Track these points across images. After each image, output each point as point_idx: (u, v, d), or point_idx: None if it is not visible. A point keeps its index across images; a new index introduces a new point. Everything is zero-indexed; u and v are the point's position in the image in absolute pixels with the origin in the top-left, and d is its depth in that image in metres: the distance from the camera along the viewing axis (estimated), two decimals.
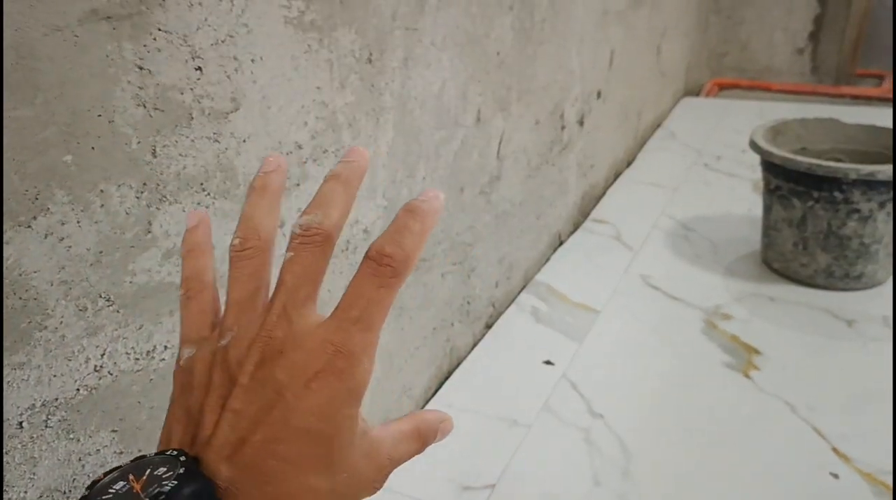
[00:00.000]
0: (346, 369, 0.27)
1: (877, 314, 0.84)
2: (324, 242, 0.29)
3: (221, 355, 0.28)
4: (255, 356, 0.27)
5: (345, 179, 0.31)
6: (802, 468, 0.63)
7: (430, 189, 0.30)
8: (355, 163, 0.31)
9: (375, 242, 0.29)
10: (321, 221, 0.29)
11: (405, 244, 0.28)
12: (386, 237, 0.29)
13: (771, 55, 1.79)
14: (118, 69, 0.37)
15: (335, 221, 0.30)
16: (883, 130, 0.93)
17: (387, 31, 0.58)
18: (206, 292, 0.32)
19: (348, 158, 0.32)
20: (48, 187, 0.35)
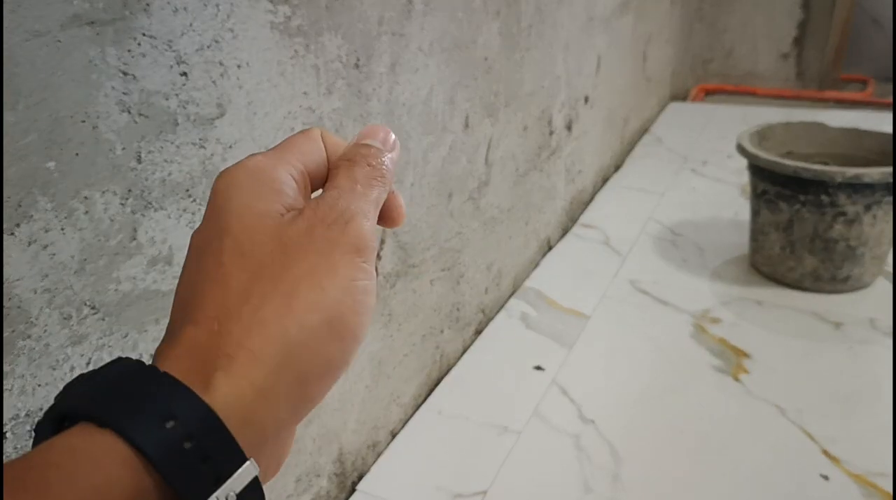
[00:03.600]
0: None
1: (863, 317, 0.84)
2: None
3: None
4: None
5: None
6: (792, 470, 0.63)
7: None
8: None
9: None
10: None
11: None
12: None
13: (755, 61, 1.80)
14: (101, 75, 0.37)
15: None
16: (867, 134, 0.94)
17: (374, 37, 0.58)
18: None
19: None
20: (31, 194, 0.34)
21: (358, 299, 0.25)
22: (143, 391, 0.21)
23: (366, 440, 0.67)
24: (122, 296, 0.40)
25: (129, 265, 0.40)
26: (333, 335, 0.24)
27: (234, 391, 0.22)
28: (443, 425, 0.71)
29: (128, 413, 0.21)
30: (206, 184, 0.44)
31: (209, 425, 0.21)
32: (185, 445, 0.21)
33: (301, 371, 0.24)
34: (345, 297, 0.25)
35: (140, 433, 0.20)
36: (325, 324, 0.24)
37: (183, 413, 0.21)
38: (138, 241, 0.40)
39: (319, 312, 0.24)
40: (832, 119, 1.02)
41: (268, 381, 0.23)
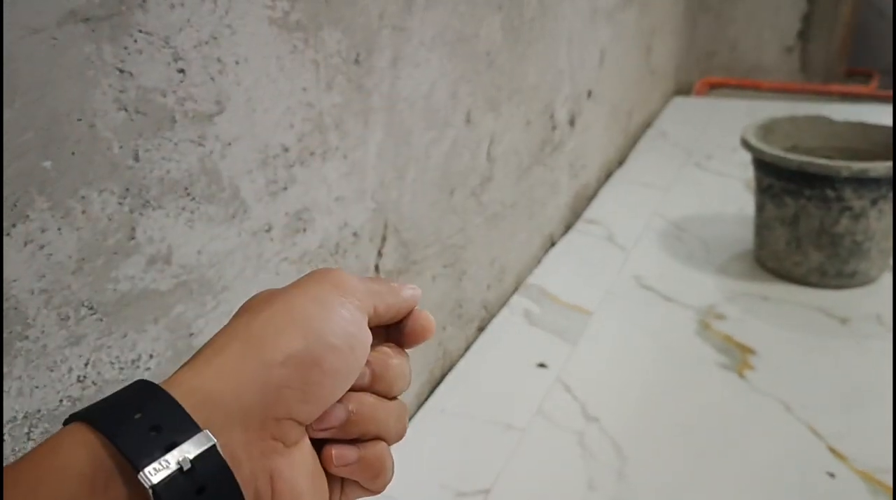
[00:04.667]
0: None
1: (870, 312, 0.84)
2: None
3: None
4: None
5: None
6: (798, 467, 0.63)
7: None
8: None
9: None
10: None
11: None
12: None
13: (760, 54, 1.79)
14: (98, 72, 0.36)
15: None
16: (873, 128, 0.93)
17: (374, 31, 0.57)
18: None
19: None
20: (27, 194, 0.34)
21: (328, 310, 0.28)
22: (119, 393, 0.25)
23: None
24: (120, 296, 0.40)
25: (127, 265, 0.40)
26: (297, 330, 0.27)
27: (195, 377, 0.25)
28: (446, 422, 0.71)
29: (97, 408, 0.24)
30: (204, 181, 0.44)
31: (159, 399, 0.24)
32: (135, 416, 0.23)
33: (262, 357, 0.26)
34: (313, 305, 0.28)
35: (100, 417, 0.23)
36: (289, 322, 0.27)
37: (138, 397, 0.24)
38: (136, 240, 0.40)
39: (285, 314, 0.27)
40: (837, 113, 1.01)
41: (227, 364, 0.25)
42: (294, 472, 0.27)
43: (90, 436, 0.23)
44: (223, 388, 0.25)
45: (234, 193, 0.46)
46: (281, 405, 0.26)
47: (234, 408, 0.25)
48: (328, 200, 0.55)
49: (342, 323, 0.28)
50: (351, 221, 0.59)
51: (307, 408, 0.27)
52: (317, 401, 0.27)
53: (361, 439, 0.30)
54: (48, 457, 0.22)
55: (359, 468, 0.30)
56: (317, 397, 0.27)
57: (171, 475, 0.22)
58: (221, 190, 0.45)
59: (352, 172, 0.57)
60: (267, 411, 0.25)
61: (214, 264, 0.45)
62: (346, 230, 0.58)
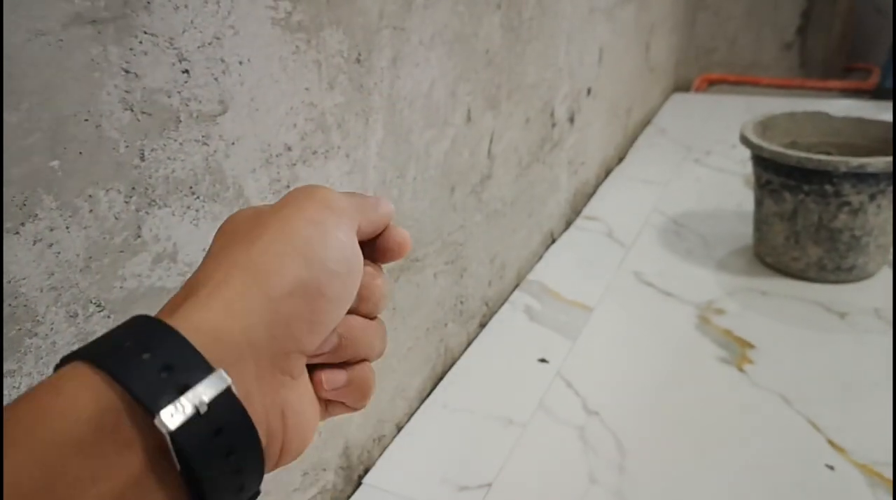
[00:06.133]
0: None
1: (869, 306, 0.84)
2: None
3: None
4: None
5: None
6: (798, 460, 0.63)
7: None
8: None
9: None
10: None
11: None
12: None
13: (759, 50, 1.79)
14: (104, 73, 0.37)
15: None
16: (872, 123, 0.94)
17: (374, 31, 0.58)
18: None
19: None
20: (35, 193, 0.35)
21: (326, 233, 0.26)
22: (120, 330, 0.23)
23: (371, 434, 0.68)
24: (127, 293, 0.40)
25: (134, 263, 0.40)
26: (298, 258, 0.25)
27: (201, 313, 0.23)
28: (448, 418, 0.72)
29: (99, 346, 0.22)
30: (209, 180, 0.44)
31: (168, 338, 0.22)
32: (144, 356, 0.21)
33: (268, 290, 0.25)
34: (311, 228, 0.26)
35: (102, 355, 0.22)
36: (290, 249, 0.26)
37: (144, 335, 0.22)
38: (143, 238, 0.41)
39: (284, 240, 0.26)
40: (836, 108, 1.02)
41: (234, 300, 0.24)
42: (301, 403, 0.26)
43: (95, 377, 0.21)
44: (232, 324, 0.24)
45: (238, 192, 0.47)
46: (290, 339, 0.25)
47: (244, 345, 0.24)
48: None
49: (340, 246, 0.27)
50: None
51: (313, 338, 0.26)
52: (322, 330, 0.26)
53: (349, 361, 0.30)
54: (48, 398, 0.21)
55: (347, 390, 0.29)
56: (322, 325, 0.26)
57: (188, 419, 0.21)
58: (225, 189, 0.46)
59: (353, 171, 0.58)
60: (276, 346, 0.25)
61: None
62: None
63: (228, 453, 0.22)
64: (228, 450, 0.22)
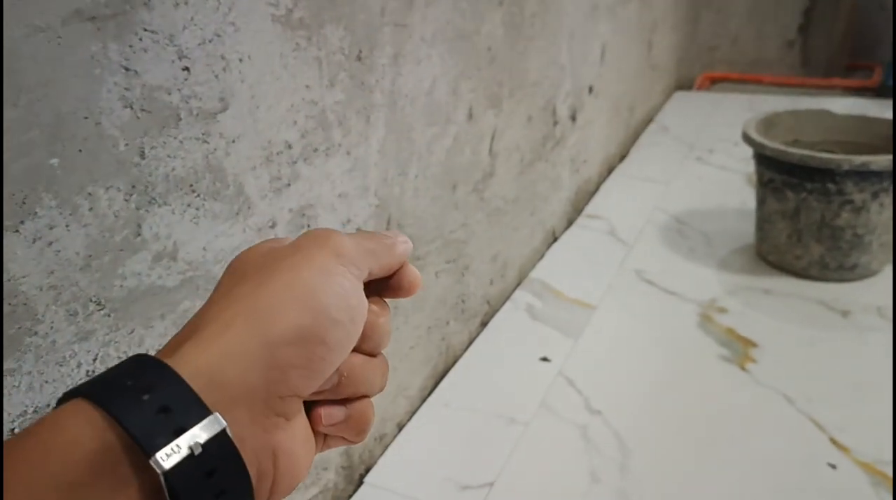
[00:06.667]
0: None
1: (871, 305, 0.84)
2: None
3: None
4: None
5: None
6: (800, 459, 0.63)
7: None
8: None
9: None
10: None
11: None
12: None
13: (761, 48, 1.79)
14: (104, 70, 0.36)
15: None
16: (874, 121, 0.94)
17: (376, 28, 0.57)
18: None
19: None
20: (35, 191, 0.34)
21: (331, 282, 0.27)
22: (121, 368, 0.24)
23: (373, 433, 0.67)
24: (127, 292, 0.40)
25: (134, 261, 0.40)
26: (302, 307, 0.26)
27: (200, 356, 0.24)
28: (450, 416, 0.71)
29: (101, 384, 0.23)
30: (209, 178, 0.44)
31: (167, 380, 0.23)
32: (144, 397, 0.22)
33: (268, 338, 0.25)
34: (317, 278, 0.27)
35: (104, 394, 0.22)
36: (294, 297, 0.26)
37: (145, 376, 0.23)
38: (143, 236, 0.40)
39: (289, 288, 0.26)
40: (838, 106, 1.01)
41: (234, 345, 0.25)
42: (293, 443, 0.27)
43: (95, 414, 0.22)
44: (230, 369, 0.24)
45: (239, 190, 0.47)
46: (285, 385, 0.26)
47: (240, 390, 0.24)
48: (331, 196, 0.56)
49: (344, 296, 0.27)
50: (354, 218, 0.59)
51: (310, 383, 0.27)
52: (320, 375, 0.27)
53: (349, 398, 0.30)
54: (50, 434, 0.22)
55: (346, 425, 0.30)
56: (320, 371, 0.27)
57: (182, 460, 0.22)
58: (226, 187, 0.45)
59: (354, 169, 0.58)
60: (271, 391, 0.25)
61: (220, 261, 0.46)
62: (350, 226, 0.59)
63: (219, 494, 0.23)
64: (220, 491, 0.23)
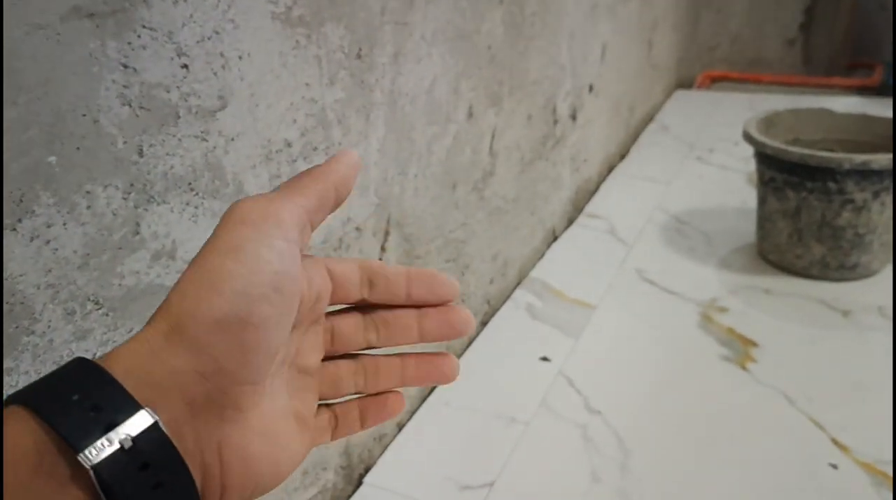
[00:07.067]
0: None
1: (872, 304, 0.84)
2: None
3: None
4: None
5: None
6: (801, 459, 0.63)
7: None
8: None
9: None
10: None
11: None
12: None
13: (762, 47, 1.79)
14: (102, 68, 0.36)
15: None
16: (875, 120, 0.93)
17: (376, 26, 0.57)
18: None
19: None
20: (32, 189, 0.34)
21: (239, 257, 0.26)
22: (56, 372, 0.24)
23: (372, 433, 0.67)
24: (126, 291, 0.40)
25: (132, 260, 0.40)
26: (213, 294, 0.25)
27: (130, 356, 0.24)
28: (449, 416, 0.71)
29: (35, 388, 0.23)
30: (208, 177, 0.44)
31: (97, 379, 0.23)
32: (74, 397, 0.23)
33: (187, 334, 0.25)
34: (223, 258, 0.26)
35: (37, 398, 0.23)
36: (204, 287, 0.25)
37: (77, 378, 0.23)
38: (141, 235, 0.40)
39: (199, 278, 0.26)
40: (839, 105, 1.01)
41: (158, 345, 0.25)
42: (246, 437, 0.26)
43: (31, 419, 0.22)
44: (158, 367, 0.24)
45: (238, 189, 0.46)
46: (221, 375, 0.25)
47: (171, 387, 0.24)
48: None
49: (264, 268, 0.26)
50: (354, 217, 0.59)
51: (251, 369, 0.26)
52: (260, 358, 0.26)
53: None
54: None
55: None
56: (258, 353, 0.26)
57: (112, 455, 0.22)
58: (225, 185, 0.45)
59: None
60: (209, 384, 0.25)
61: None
62: (350, 225, 0.59)
63: (156, 486, 0.23)
64: (156, 483, 0.23)
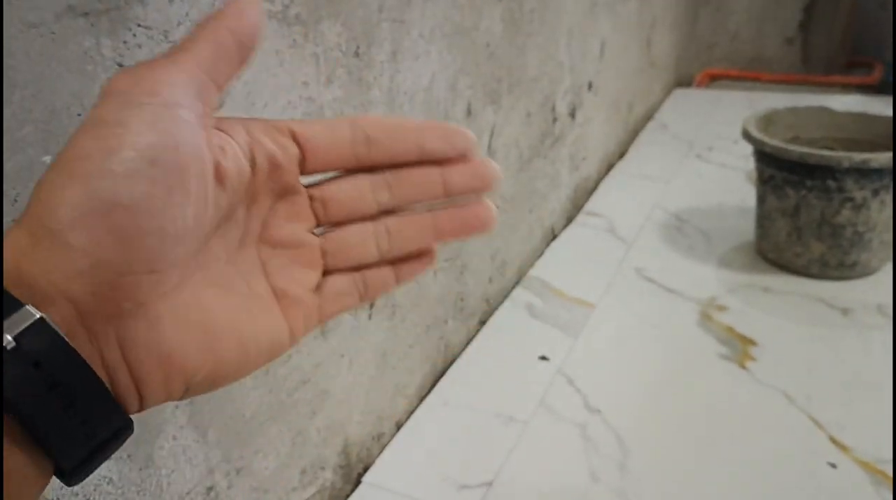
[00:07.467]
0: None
1: (871, 303, 0.84)
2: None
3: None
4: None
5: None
6: (800, 458, 0.63)
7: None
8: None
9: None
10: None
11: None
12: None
13: (761, 45, 1.78)
14: (97, 66, 0.36)
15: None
16: (875, 118, 0.93)
17: (374, 24, 0.57)
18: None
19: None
20: (28, 189, 0.34)
21: (109, 134, 0.23)
22: None
23: (371, 432, 0.67)
24: None
25: None
26: (75, 180, 0.22)
27: (7, 258, 0.22)
28: (448, 415, 0.71)
29: None
30: None
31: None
32: None
33: (54, 230, 0.22)
34: (86, 138, 0.23)
35: None
36: (65, 174, 0.23)
37: None
38: None
39: (62, 166, 0.23)
40: (838, 103, 1.01)
41: (28, 247, 0.22)
42: (159, 329, 0.24)
43: None
44: (31, 270, 0.22)
45: None
46: (102, 268, 0.22)
47: (50, 289, 0.22)
48: None
49: (131, 141, 0.23)
50: None
51: (140, 256, 0.23)
52: (147, 241, 0.23)
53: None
54: None
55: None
56: (141, 237, 0.23)
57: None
58: None
59: None
60: (90, 280, 0.22)
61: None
62: None
63: (52, 385, 0.21)
64: (52, 383, 0.21)
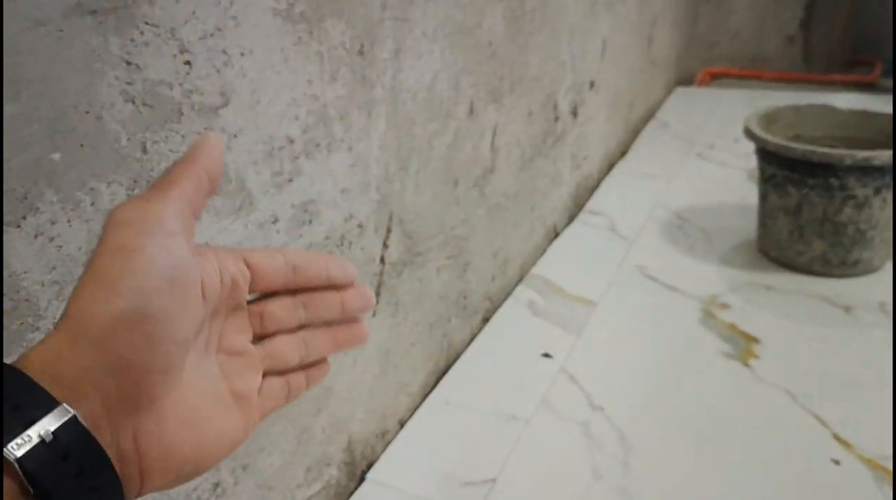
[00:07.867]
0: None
1: (873, 301, 0.84)
2: None
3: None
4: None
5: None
6: (803, 455, 0.63)
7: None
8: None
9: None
10: None
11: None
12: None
13: (762, 44, 1.79)
14: (104, 64, 0.36)
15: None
16: (876, 116, 0.93)
17: (377, 22, 0.57)
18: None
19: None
20: (36, 186, 0.34)
21: (132, 256, 0.27)
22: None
23: (374, 429, 0.67)
24: None
25: None
26: (108, 293, 0.26)
27: (43, 359, 0.26)
28: (451, 413, 0.71)
29: None
30: None
31: (15, 381, 0.25)
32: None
33: (90, 336, 0.26)
34: (115, 260, 0.27)
35: None
36: (98, 288, 0.26)
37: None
38: None
39: (92, 281, 0.27)
40: (840, 101, 1.01)
41: (65, 349, 0.26)
42: (162, 425, 0.27)
43: None
44: (69, 370, 0.26)
45: (241, 185, 0.46)
46: (132, 369, 0.26)
47: (85, 385, 0.26)
48: (333, 191, 0.55)
49: (154, 263, 0.27)
50: (356, 213, 0.59)
51: (161, 357, 0.27)
52: (167, 346, 0.27)
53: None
54: None
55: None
56: (164, 341, 0.27)
57: (34, 448, 0.24)
58: (228, 182, 0.45)
59: (356, 164, 0.58)
60: (120, 379, 0.26)
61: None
62: (352, 222, 0.59)
63: (78, 474, 0.24)
64: (78, 471, 0.24)
